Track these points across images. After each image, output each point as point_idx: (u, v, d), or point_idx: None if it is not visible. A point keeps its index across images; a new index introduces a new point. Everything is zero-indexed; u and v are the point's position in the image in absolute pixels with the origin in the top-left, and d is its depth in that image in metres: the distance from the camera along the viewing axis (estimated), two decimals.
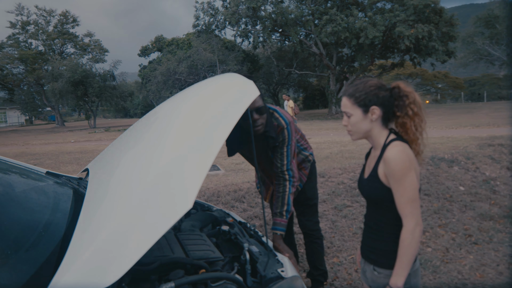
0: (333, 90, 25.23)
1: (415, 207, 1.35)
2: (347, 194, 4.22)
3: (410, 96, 1.43)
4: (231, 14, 22.28)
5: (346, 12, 21.11)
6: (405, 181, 1.34)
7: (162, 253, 1.54)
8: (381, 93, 1.42)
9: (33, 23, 30.86)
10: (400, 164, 1.34)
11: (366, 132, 1.46)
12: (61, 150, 13.20)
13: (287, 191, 2.07)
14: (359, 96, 1.43)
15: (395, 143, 1.40)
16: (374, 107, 1.41)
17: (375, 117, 1.42)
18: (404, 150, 1.37)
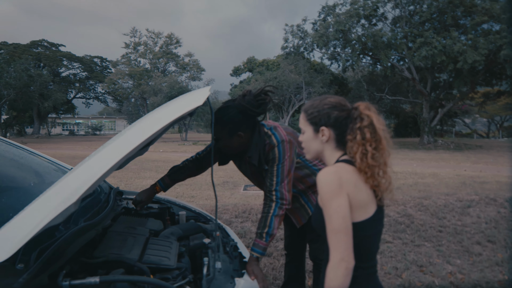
0: (426, 118, 23.35)
1: (340, 240, 1.15)
2: (389, 228, 3.84)
3: (366, 119, 1.24)
4: (319, 37, 22.35)
5: (444, 35, 19.58)
6: (330, 207, 1.16)
7: (118, 251, 1.60)
8: (334, 113, 1.28)
9: (143, 44, 35.21)
10: (325, 187, 1.17)
11: (317, 152, 1.35)
12: (148, 158, 14.56)
13: (271, 213, 1.97)
14: (311, 113, 1.32)
15: (335, 164, 1.25)
16: (323, 128, 1.29)
17: (324, 139, 1.30)
18: (337, 171, 1.19)
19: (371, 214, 1.21)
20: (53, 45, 39.54)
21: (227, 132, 1.94)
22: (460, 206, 4.40)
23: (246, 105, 1.91)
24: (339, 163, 1.24)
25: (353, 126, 1.25)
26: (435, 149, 21.07)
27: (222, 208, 4.05)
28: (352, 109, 1.29)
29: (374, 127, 1.23)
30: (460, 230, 3.94)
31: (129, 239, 1.77)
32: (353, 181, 1.19)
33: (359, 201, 1.19)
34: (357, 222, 1.19)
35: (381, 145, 1.22)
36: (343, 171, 1.20)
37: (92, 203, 1.94)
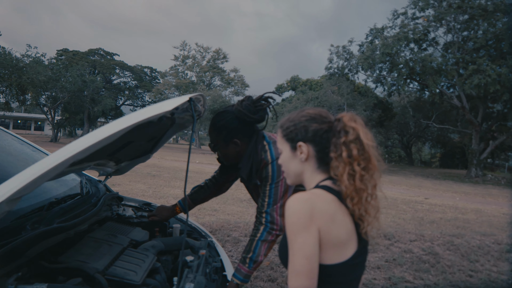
0: (475, 150, 21.91)
1: (300, 285, 0.92)
2: (411, 266, 3.47)
3: (351, 132, 1.03)
4: (365, 59, 21.91)
5: (499, 63, 18.42)
6: (294, 243, 0.94)
7: (85, 259, 1.51)
8: (313, 126, 1.08)
9: (191, 57, 36.50)
10: (292, 217, 0.95)
11: (296, 174, 1.13)
12: (183, 168, 14.78)
13: (257, 237, 1.78)
14: (287, 127, 1.12)
15: (310, 190, 1.04)
16: (300, 143, 1.08)
17: (303, 156, 1.08)
18: (310, 199, 0.96)
19: (348, 256, 0.98)
20: (108, 54, 42.11)
21: (223, 139, 1.83)
22: (497, 250, 3.90)
23: (243, 110, 1.78)
24: (316, 190, 1.02)
25: (336, 141, 1.04)
26: (483, 183, 19.61)
27: (233, 225, 3.90)
28: (334, 121, 1.08)
29: (361, 143, 1.02)
30: (495, 278, 3.48)
31: (104, 247, 1.68)
32: (329, 213, 0.96)
33: (334, 238, 0.96)
34: (329, 265, 0.96)
35: (371, 165, 1.01)
36: (318, 200, 0.98)
37: (76, 205, 1.88)
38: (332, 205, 0.98)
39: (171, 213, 2.19)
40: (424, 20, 21.59)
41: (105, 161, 2.13)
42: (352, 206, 0.99)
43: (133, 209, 2.52)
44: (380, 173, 1.04)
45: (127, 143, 1.94)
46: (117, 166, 2.41)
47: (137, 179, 9.86)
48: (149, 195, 7.72)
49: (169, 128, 2.22)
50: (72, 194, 2.06)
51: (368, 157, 1.01)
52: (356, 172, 1.00)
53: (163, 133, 2.28)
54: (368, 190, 1.00)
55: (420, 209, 8.55)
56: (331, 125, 1.08)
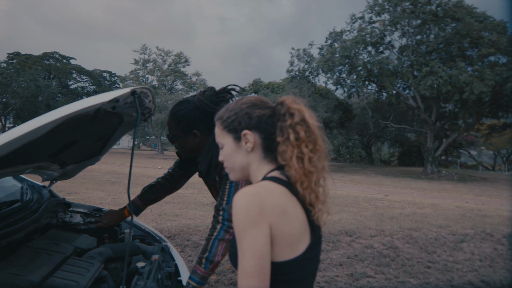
0: (430, 148, 23.03)
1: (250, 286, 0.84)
2: (372, 261, 3.52)
3: (297, 114, 0.98)
4: (325, 62, 22.42)
5: (450, 65, 19.50)
6: (243, 242, 0.86)
7: (18, 271, 1.35)
8: (256, 112, 1.02)
9: (152, 61, 35.66)
10: (239, 214, 0.87)
11: (242, 167, 1.04)
12: (144, 174, 14.33)
13: (214, 235, 1.68)
14: (227, 118, 1.05)
15: (258, 183, 0.96)
16: (245, 131, 1.01)
17: (249, 146, 1.01)
18: (258, 193, 0.88)
19: (302, 251, 0.91)
20: (64, 58, 40.25)
21: (182, 129, 1.75)
22: (452, 240, 4.07)
23: (205, 100, 1.71)
24: (264, 182, 0.95)
25: (282, 125, 0.98)
26: (438, 179, 20.62)
27: (193, 229, 3.78)
28: (277, 106, 1.03)
29: (307, 124, 0.97)
30: (451, 267, 3.60)
31: (43, 257, 1.53)
32: (280, 207, 0.89)
33: (287, 234, 0.88)
34: (281, 262, 0.88)
35: (318, 146, 0.97)
36: (267, 193, 0.89)
37: (12, 213, 1.70)
38: (283, 197, 0.91)
39: (119, 217, 2.06)
40: (380, 24, 22.48)
41: (47, 163, 1.95)
42: (302, 191, 0.93)
43: (82, 216, 2.35)
44: (327, 155, 1.00)
45: (70, 143, 1.79)
46: (62, 170, 2.23)
47: (95, 187, 9.43)
48: (108, 202, 7.38)
49: (118, 127, 2.09)
50: (9, 201, 1.88)
51: (314, 138, 0.97)
52: (304, 155, 0.95)
53: (111, 133, 2.13)
54: (317, 172, 0.96)
55: (381, 206, 8.79)
56: (274, 109, 1.03)
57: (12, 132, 1.00)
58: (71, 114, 1.10)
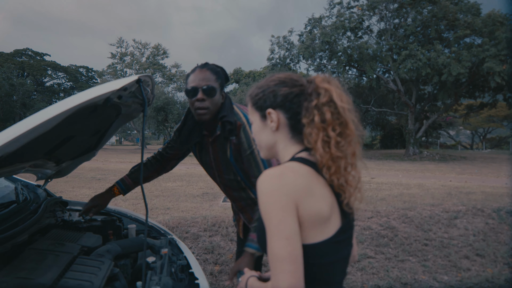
0: (411, 130, 23.47)
1: (283, 270, 0.80)
2: (371, 242, 3.56)
3: (323, 93, 0.92)
4: (305, 48, 22.40)
5: (428, 47, 19.81)
6: (270, 224, 0.83)
7: (27, 274, 1.28)
8: (282, 90, 0.96)
9: (129, 54, 34.86)
10: (265, 196, 0.84)
11: (269, 146, 1.02)
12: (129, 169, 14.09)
13: None
14: (256, 95, 1.02)
15: (283, 164, 0.92)
16: (269, 110, 0.97)
17: (273, 125, 0.97)
18: (282, 174, 0.85)
19: (332, 233, 0.88)
20: (37, 54, 38.89)
21: (219, 85, 1.67)
22: (446, 218, 4.16)
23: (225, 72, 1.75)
24: (290, 163, 0.91)
25: (308, 105, 0.93)
26: (421, 160, 21.09)
27: (190, 220, 3.72)
28: (306, 84, 0.98)
29: (335, 105, 0.91)
30: (447, 243, 3.69)
31: (49, 258, 1.46)
32: (305, 187, 0.85)
33: (315, 214, 0.85)
34: (311, 245, 0.86)
35: (348, 130, 0.91)
36: (291, 174, 0.86)
37: (11, 214, 1.61)
38: (309, 178, 0.88)
39: (109, 196, 1.98)
40: (359, 9, 22.55)
41: (43, 161, 1.86)
42: (329, 176, 0.89)
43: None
44: (359, 140, 0.94)
45: (67, 138, 1.70)
46: (57, 167, 2.13)
47: (81, 184, 9.21)
48: None
49: (115, 119, 2.00)
50: (6, 202, 1.78)
51: (344, 121, 0.91)
52: (331, 138, 0.90)
53: (108, 126, 2.05)
54: (346, 158, 0.90)
55: (369, 188, 8.92)
56: (303, 88, 0.97)
57: (19, 126, 0.93)
58: (81, 105, 1.03)
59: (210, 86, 1.61)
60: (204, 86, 1.61)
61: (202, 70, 1.65)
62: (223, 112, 1.66)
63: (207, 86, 1.61)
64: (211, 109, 1.64)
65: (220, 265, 3.05)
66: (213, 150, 1.78)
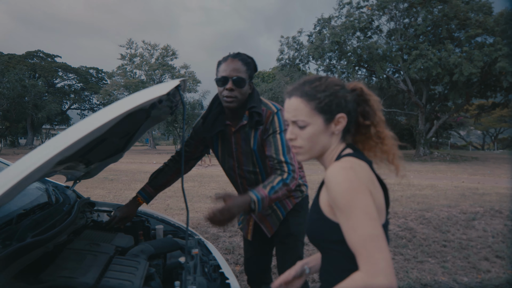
0: (421, 130, 23.27)
1: (376, 248, 0.85)
2: (390, 243, 3.55)
3: (373, 99, 1.08)
4: (315, 49, 22.35)
5: (438, 47, 19.63)
6: (356, 208, 0.88)
7: (70, 274, 1.32)
8: (348, 96, 1.04)
9: (139, 56, 35.13)
10: (344, 184, 0.90)
11: (323, 148, 1.05)
12: (141, 169, 14.23)
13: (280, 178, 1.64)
14: (321, 98, 1.01)
15: (344, 159, 0.98)
16: (341, 114, 1.02)
17: (339, 129, 1.03)
18: (352, 166, 0.93)
19: (385, 218, 1.00)
20: (48, 56, 39.39)
21: (248, 76, 1.70)
22: (464, 219, 4.14)
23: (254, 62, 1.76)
24: (349, 158, 0.98)
25: (368, 109, 1.07)
26: (431, 161, 20.91)
27: None
28: (356, 90, 1.09)
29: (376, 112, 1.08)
30: (466, 245, 3.67)
31: (88, 258, 1.50)
32: (371, 178, 0.95)
33: (379, 202, 0.95)
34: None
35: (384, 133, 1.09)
36: (359, 167, 0.95)
37: (48, 216, 1.66)
38: (370, 171, 0.97)
39: (134, 206, 2.00)
40: (368, 9, 22.43)
41: (75, 163, 1.91)
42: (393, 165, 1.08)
43: (108, 214, 2.32)
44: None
45: (101, 140, 1.74)
46: (86, 169, 2.18)
47: (94, 185, 9.33)
48: (110, 200, 7.31)
49: (143, 122, 2.04)
50: (41, 203, 1.83)
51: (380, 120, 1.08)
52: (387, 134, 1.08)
53: (137, 128, 2.09)
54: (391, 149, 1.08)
55: None
56: (353, 94, 1.07)
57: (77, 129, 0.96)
58: (132, 109, 1.07)
59: (240, 77, 1.65)
60: (234, 77, 1.64)
61: (234, 60, 1.67)
62: (251, 103, 1.71)
63: (237, 77, 1.64)
64: (239, 99, 1.68)
65: (241, 265, 3.08)
66: (235, 140, 1.80)
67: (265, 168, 1.80)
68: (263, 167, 1.81)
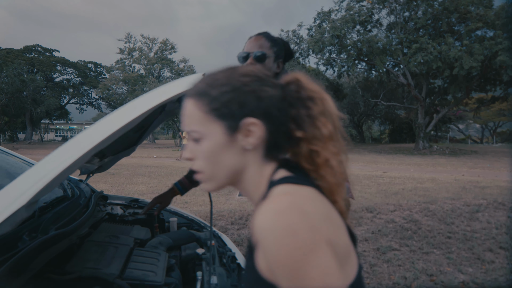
0: (421, 124, 23.33)
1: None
2: (395, 235, 3.61)
3: (319, 98, 0.70)
4: (315, 42, 22.30)
5: (439, 41, 19.61)
6: (308, 279, 0.54)
7: (95, 265, 1.35)
8: (266, 91, 0.68)
9: (137, 50, 35.00)
10: (283, 244, 0.55)
11: (232, 173, 0.69)
12: (142, 164, 14.25)
13: None
14: (216, 95, 0.67)
15: (278, 191, 0.62)
16: (250, 119, 0.66)
17: (251, 142, 0.67)
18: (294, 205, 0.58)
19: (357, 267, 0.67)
20: (46, 50, 39.18)
21: (273, 53, 1.64)
22: (468, 211, 4.20)
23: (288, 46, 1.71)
24: (286, 188, 0.62)
25: (305, 113, 0.69)
26: (431, 154, 20.99)
27: (217, 214, 3.80)
28: (289, 84, 0.72)
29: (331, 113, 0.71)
30: (470, 236, 3.73)
31: (110, 250, 1.53)
32: (325, 213, 0.61)
33: (343, 250, 0.62)
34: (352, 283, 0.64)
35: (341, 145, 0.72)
36: (304, 200, 0.60)
37: (68, 209, 1.69)
38: (323, 201, 0.64)
39: (171, 194, 2.02)
40: (368, 2, 22.35)
41: (92, 157, 1.93)
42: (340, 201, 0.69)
43: (122, 207, 2.35)
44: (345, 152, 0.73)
45: None
46: (100, 162, 2.21)
47: (96, 179, 9.35)
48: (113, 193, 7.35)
49: (158, 116, 2.07)
50: (58, 196, 1.86)
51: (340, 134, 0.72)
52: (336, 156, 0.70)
53: (151, 122, 2.11)
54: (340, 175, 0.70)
55: (382, 183, 8.93)
56: (284, 90, 0.71)
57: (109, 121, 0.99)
58: (161, 103, 1.09)
59: (262, 52, 1.60)
60: (256, 52, 1.61)
61: (258, 37, 1.64)
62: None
63: (258, 52, 1.60)
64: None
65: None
66: None
67: None
68: None
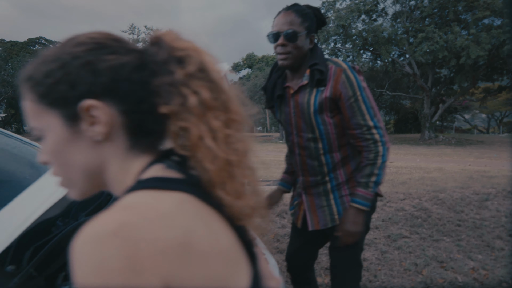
0: (427, 114, 23.22)
1: None
2: (406, 223, 3.65)
3: (191, 59, 0.53)
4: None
5: (445, 30, 19.40)
6: None
7: None
8: (107, 60, 0.52)
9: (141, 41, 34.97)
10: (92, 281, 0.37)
11: (88, 174, 0.54)
12: None
13: (379, 159, 1.48)
14: (42, 78, 0.52)
15: (125, 201, 0.45)
16: (88, 102, 0.50)
17: (99, 131, 0.51)
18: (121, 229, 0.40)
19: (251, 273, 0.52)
20: (50, 43, 39.20)
21: (305, 29, 1.48)
22: (477, 200, 4.23)
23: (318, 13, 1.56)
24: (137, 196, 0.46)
25: (167, 81, 0.52)
26: (437, 144, 20.94)
27: None
28: (149, 48, 0.56)
29: (210, 77, 0.53)
30: (480, 224, 3.77)
31: None
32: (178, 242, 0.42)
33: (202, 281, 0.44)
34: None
35: (233, 115, 0.54)
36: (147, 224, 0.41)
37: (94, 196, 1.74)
38: (183, 218, 0.45)
39: (280, 193, 1.93)
40: None
41: None
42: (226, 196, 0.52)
43: None
44: (249, 127, 0.57)
45: None
46: None
47: None
48: None
49: None
50: None
51: (226, 101, 0.54)
52: (216, 132, 0.52)
53: None
54: (240, 158, 0.54)
55: (389, 172, 8.96)
56: (142, 55, 0.55)
57: None
58: None
59: (292, 30, 1.46)
60: (286, 30, 1.46)
61: (287, 12, 1.50)
62: (314, 59, 1.50)
63: (290, 30, 1.46)
64: (294, 54, 1.49)
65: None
66: (294, 103, 1.57)
67: (327, 134, 1.55)
68: (324, 133, 1.55)
